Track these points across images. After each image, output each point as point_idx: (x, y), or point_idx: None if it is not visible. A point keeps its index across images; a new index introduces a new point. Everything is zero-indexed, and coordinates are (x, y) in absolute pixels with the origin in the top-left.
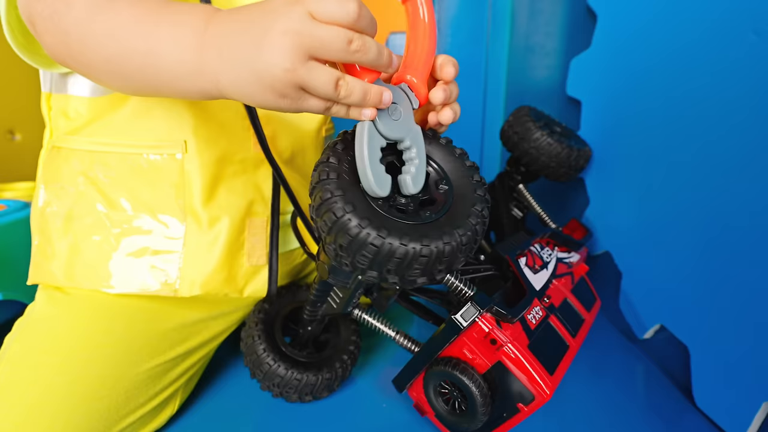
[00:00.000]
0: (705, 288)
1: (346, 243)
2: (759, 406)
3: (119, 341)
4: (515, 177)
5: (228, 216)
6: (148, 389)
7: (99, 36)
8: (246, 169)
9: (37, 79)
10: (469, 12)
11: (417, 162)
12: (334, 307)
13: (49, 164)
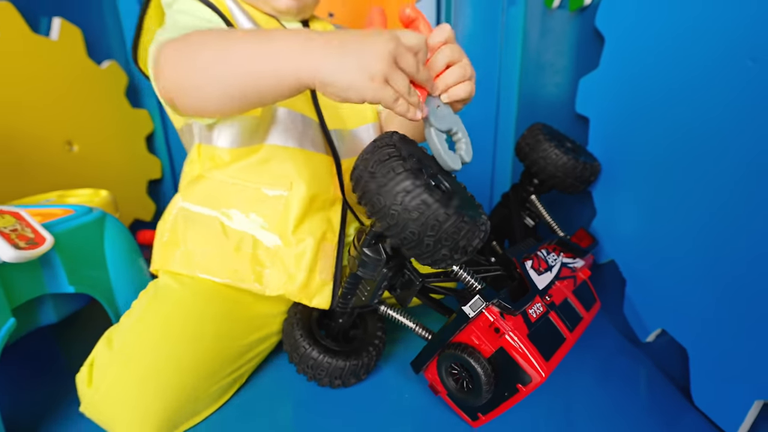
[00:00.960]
0: (703, 296)
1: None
2: (751, 403)
3: (222, 319)
4: (528, 188)
5: (312, 239)
6: (232, 364)
7: (215, 64)
8: (325, 207)
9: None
10: (482, 30)
11: (464, 140)
12: (362, 299)
13: (192, 186)
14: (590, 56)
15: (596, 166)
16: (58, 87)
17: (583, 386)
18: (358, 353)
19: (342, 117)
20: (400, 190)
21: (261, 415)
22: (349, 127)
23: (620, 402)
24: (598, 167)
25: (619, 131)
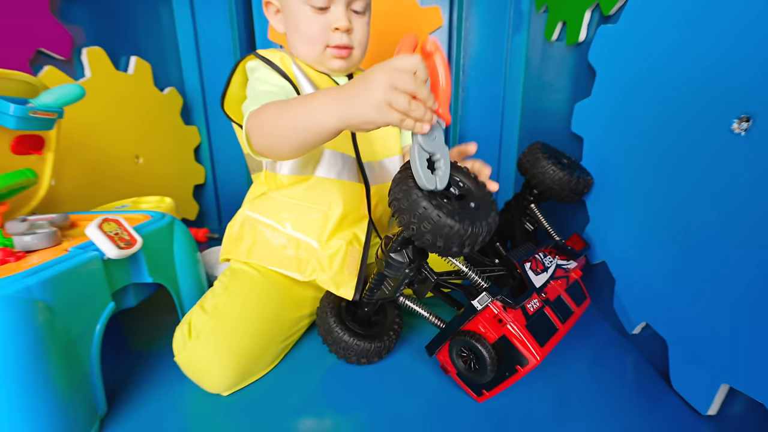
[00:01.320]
0: (680, 294)
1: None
2: (718, 387)
3: (278, 296)
4: (528, 198)
5: (343, 244)
6: (284, 332)
7: (282, 126)
8: (354, 222)
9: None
10: (490, 55)
11: (443, 168)
12: (386, 293)
13: (257, 200)
14: (585, 82)
15: (589, 180)
16: (131, 111)
17: (576, 371)
18: (380, 337)
19: (374, 151)
20: (417, 210)
21: (299, 383)
22: (379, 158)
23: (609, 385)
24: (591, 181)
25: (609, 150)
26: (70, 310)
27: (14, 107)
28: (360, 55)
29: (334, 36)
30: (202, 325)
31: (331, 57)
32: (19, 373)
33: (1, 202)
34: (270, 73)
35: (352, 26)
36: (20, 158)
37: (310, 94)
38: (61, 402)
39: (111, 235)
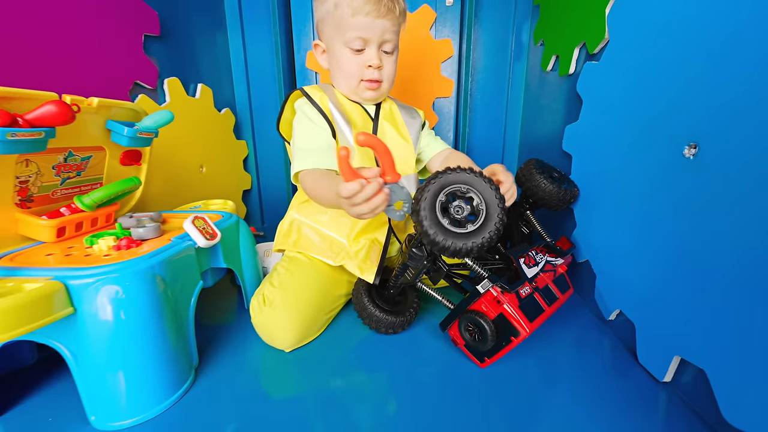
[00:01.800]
0: (647, 287)
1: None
2: (671, 358)
3: (325, 278)
4: (524, 206)
5: (366, 242)
6: (329, 306)
7: (314, 192)
8: (376, 228)
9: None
10: (494, 79)
11: (407, 206)
12: (408, 279)
13: (301, 206)
14: (575, 108)
15: (575, 192)
16: (198, 129)
17: (562, 348)
18: (403, 313)
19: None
20: (425, 226)
21: (339, 347)
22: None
23: (588, 360)
24: (577, 192)
25: (593, 167)
26: (176, 284)
27: (127, 130)
28: (388, 87)
29: (367, 72)
30: (273, 296)
31: (365, 89)
32: (149, 324)
33: (114, 203)
34: (312, 109)
35: (382, 64)
36: (125, 168)
37: (329, 184)
38: (172, 349)
39: (201, 229)
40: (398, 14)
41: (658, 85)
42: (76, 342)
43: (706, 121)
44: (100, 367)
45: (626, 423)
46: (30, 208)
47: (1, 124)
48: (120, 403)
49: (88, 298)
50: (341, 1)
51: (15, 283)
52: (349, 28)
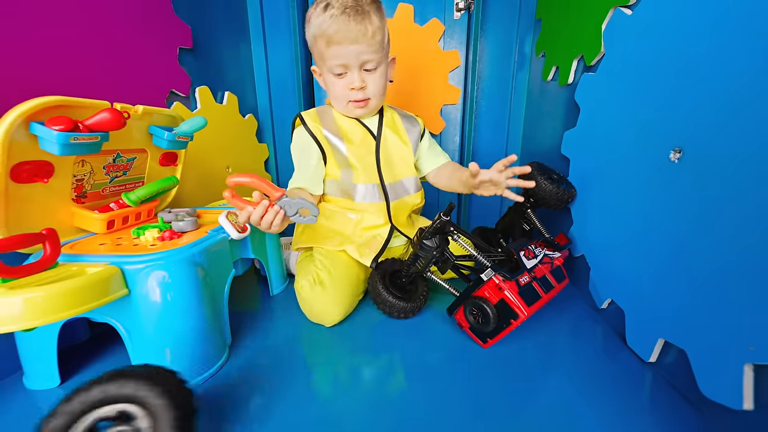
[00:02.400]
0: (635, 278)
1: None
2: (656, 341)
3: (353, 265)
4: (525, 205)
5: (369, 236)
6: (358, 288)
7: None
8: (378, 226)
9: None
10: (498, 87)
11: (311, 212)
12: (419, 268)
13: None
14: (573, 115)
15: (573, 192)
16: (225, 133)
17: (559, 334)
18: (414, 299)
19: (395, 174)
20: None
21: (356, 331)
22: (399, 179)
23: (582, 344)
24: (575, 193)
25: (589, 169)
26: (213, 271)
27: (167, 134)
28: (377, 102)
29: (352, 93)
30: (323, 277)
31: (353, 108)
32: (190, 305)
33: (155, 199)
34: (304, 137)
35: (365, 84)
36: (164, 168)
37: None
38: (210, 328)
39: (233, 223)
40: (371, 35)
41: (648, 95)
42: (130, 319)
43: (690, 129)
44: (149, 341)
45: (616, 400)
46: (84, 203)
47: (66, 128)
48: None
49: (141, 281)
50: (317, 33)
51: (79, 267)
52: (328, 57)
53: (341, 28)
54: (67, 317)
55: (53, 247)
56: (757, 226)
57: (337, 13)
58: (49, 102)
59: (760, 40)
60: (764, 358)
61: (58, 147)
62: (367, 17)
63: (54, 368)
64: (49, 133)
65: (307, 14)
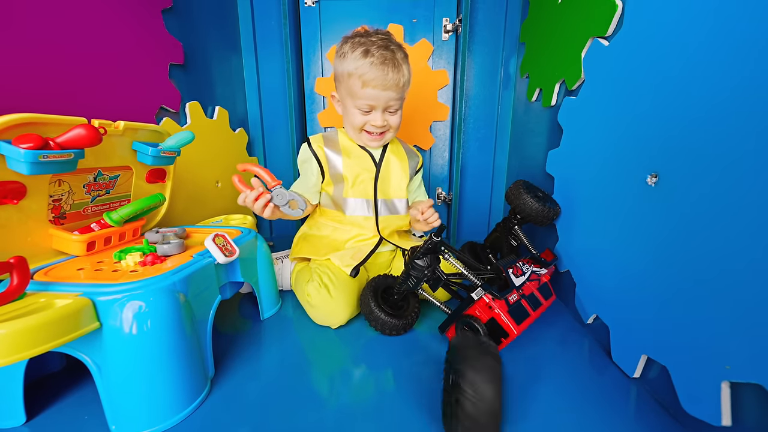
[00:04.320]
0: (619, 295)
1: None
2: (639, 357)
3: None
4: (513, 221)
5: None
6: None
7: None
8: (366, 239)
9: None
10: (484, 105)
11: (299, 203)
12: (410, 286)
13: (310, 220)
14: (556, 135)
15: (557, 210)
16: (215, 147)
17: (546, 348)
18: (405, 316)
19: (388, 193)
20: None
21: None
22: (391, 197)
23: (569, 358)
24: (559, 210)
25: (573, 187)
26: (196, 299)
27: (151, 149)
28: (391, 136)
29: (369, 127)
30: (326, 282)
31: (368, 139)
32: (169, 337)
33: (141, 218)
34: (306, 154)
35: (386, 123)
36: (151, 186)
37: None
38: (190, 362)
39: (220, 246)
40: (402, 85)
41: (625, 121)
42: (101, 354)
43: (664, 156)
44: (121, 378)
45: (602, 413)
46: (63, 224)
47: (35, 146)
48: (139, 413)
49: (114, 313)
50: (354, 73)
51: (47, 298)
52: (359, 97)
53: (378, 76)
54: (31, 356)
55: (20, 277)
56: (731, 248)
57: (377, 62)
58: (15, 119)
59: (727, 70)
60: (740, 377)
61: (26, 166)
62: (400, 70)
63: (20, 405)
64: (16, 152)
65: (340, 48)
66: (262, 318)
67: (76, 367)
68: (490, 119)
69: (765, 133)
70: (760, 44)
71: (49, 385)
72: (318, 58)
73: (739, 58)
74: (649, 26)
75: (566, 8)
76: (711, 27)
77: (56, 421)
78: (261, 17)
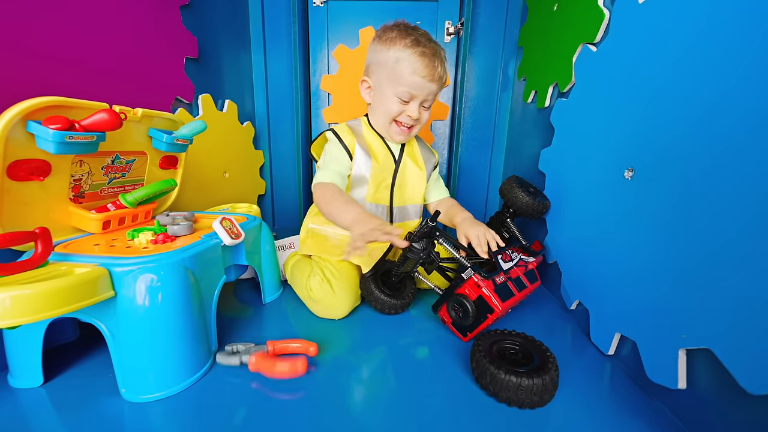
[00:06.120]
0: (598, 282)
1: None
2: (614, 335)
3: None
4: (505, 215)
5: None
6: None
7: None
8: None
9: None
10: (484, 106)
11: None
12: (407, 269)
13: (315, 217)
14: (549, 135)
15: (547, 204)
16: (224, 139)
17: (534, 332)
18: (402, 297)
19: (404, 198)
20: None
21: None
22: (406, 203)
23: (554, 340)
24: (549, 205)
25: (562, 184)
26: (203, 277)
27: (166, 137)
28: (417, 131)
29: (404, 117)
30: (328, 276)
31: (396, 133)
32: (177, 309)
33: (152, 201)
34: (338, 145)
35: (420, 116)
36: (164, 171)
37: (342, 207)
38: (196, 334)
39: (227, 229)
40: (444, 82)
41: (607, 121)
42: (114, 321)
43: (639, 152)
44: (133, 345)
45: (581, 388)
46: (82, 203)
47: (62, 127)
48: (147, 378)
49: (128, 283)
50: (403, 59)
51: (68, 267)
52: (404, 84)
53: (428, 66)
54: (52, 316)
55: (44, 246)
56: (689, 233)
57: (429, 53)
58: (46, 102)
59: (697, 77)
60: (694, 343)
61: (54, 145)
62: (444, 68)
63: (38, 367)
64: (45, 132)
65: (384, 33)
66: (264, 302)
67: (88, 337)
68: (488, 119)
69: (725, 135)
70: (729, 55)
71: (65, 353)
72: (324, 56)
73: (708, 66)
74: (632, 34)
75: (560, 15)
76: (686, 37)
77: (71, 384)
78: (271, 15)
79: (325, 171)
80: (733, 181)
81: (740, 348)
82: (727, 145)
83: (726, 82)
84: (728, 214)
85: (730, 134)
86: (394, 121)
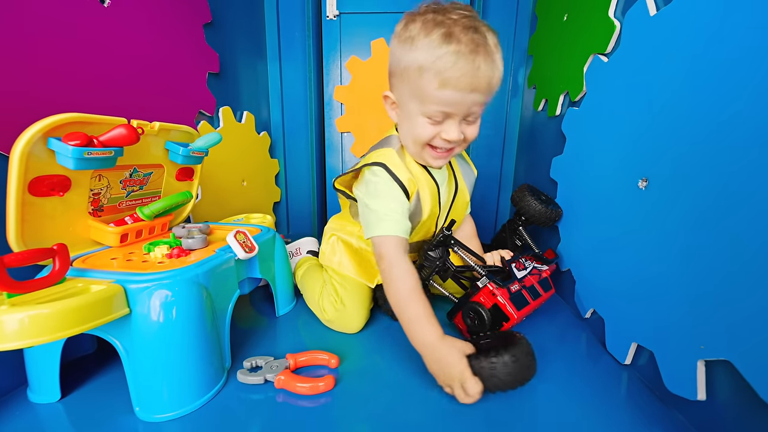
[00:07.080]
0: (613, 290)
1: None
2: (630, 344)
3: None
4: (517, 223)
5: None
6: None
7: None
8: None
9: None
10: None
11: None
12: (423, 277)
13: (339, 226)
14: (560, 143)
15: (560, 212)
16: (242, 149)
17: (548, 340)
18: None
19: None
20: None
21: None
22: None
23: (567, 349)
24: (561, 213)
25: (574, 192)
26: (217, 292)
27: (182, 149)
28: (460, 150)
29: (439, 141)
30: (344, 296)
31: (431, 157)
32: (191, 326)
33: (169, 213)
34: (392, 183)
35: (464, 136)
36: (180, 183)
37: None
38: (210, 351)
39: (241, 243)
40: (495, 84)
41: (620, 131)
42: (129, 338)
43: (653, 163)
44: (147, 362)
45: (597, 397)
46: (100, 216)
47: (81, 144)
48: (162, 397)
49: (142, 300)
50: (428, 68)
51: (84, 283)
52: (432, 102)
53: (466, 71)
54: (69, 335)
55: (62, 263)
56: (706, 244)
57: (466, 50)
58: (66, 119)
59: (708, 87)
60: (713, 354)
61: (73, 161)
62: (494, 61)
63: (56, 383)
64: (65, 148)
65: (405, 29)
66: (277, 314)
67: (106, 350)
68: (498, 126)
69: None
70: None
71: (82, 367)
72: (337, 66)
73: (720, 77)
74: (644, 45)
75: (571, 25)
76: (698, 48)
77: (87, 400)
78: (286, 29)
79: (387, 222)
80: (749, 191)
81: (761, 360)
82: (742, 155)
83: (739, 92)
84: (744, 224)
85: (744, 144)
86: (428, 145)
